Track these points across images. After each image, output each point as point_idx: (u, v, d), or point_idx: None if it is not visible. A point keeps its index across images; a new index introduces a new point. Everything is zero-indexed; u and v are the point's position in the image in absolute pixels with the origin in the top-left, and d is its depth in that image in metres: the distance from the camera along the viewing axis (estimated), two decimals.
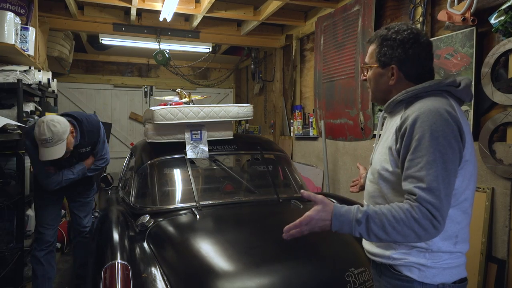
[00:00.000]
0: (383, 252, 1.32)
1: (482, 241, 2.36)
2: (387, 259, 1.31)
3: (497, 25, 2.21)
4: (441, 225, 1.14)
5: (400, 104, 1.33)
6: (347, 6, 3.74)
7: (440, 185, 1.14)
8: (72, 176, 2.78)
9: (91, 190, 3.16)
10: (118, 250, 1.98)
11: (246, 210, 2.58)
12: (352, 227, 1.21)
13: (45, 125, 2.45)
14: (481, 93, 2.42)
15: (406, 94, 1.29)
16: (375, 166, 1.35)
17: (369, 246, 1.41)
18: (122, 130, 6.66)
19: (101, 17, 4.51)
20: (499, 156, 2.32)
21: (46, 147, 2.46)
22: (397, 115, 1.33)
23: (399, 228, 1.15)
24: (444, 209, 1.14)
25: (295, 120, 4.84)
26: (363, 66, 1.45)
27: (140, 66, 6.79)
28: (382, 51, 1.33)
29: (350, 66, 3.70)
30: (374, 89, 1.42)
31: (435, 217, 1.12)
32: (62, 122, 2.53)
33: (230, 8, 4.38)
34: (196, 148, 2.79)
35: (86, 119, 2.81)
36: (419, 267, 1.26)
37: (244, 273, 1.86)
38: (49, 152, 2.48)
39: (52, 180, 2.70)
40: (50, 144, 2.46)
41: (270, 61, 5.89)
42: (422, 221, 1.13)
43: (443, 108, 1.20)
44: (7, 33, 2.69)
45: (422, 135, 1.17)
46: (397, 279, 1.29)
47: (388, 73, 1.34)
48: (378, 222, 1.17)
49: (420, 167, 1.16)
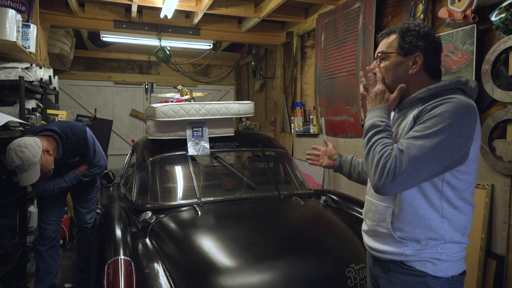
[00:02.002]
0: (393, 249, 1.33)
1: (481, 237, 2.37)
2: (398, 256, 1.32)
3: (498, 22, 2.22)
4: (390, 182, 1.18)
5: (419, 101, 1.33)
6: (348, 3, 3.73)
7: (419, 158, 1.17)
8: (65, 184, 2.80)
9: (95, 187, 3.18)
10: (121, 246, 2.00)
11: (247, 206, 2.60)
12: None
13: (13, 152, 2.34)
14: (481, 91, 2.42)
15: (428, 92, 1.31)
16: None
17: (374, 243, 1.41)
18: (123, 127, 6.66)
19: (102, 14, 4.51)
20: (499, 153, 2.33)
21: (20, 173, 2.39)
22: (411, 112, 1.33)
23: (373, 154, 1.25)
24: (403, 175, 1.18)
25: (296, 117, 4.85)
26: (380, 54, 1.41)
27: (140, 63, 6.79)
28: (407, 39, 1.35)
29: (351, 63, 3.70)
30: (392, 78, 1.38)
31: (394, 170, 1.18)
32: (31, 145, 2.39)
33: (231, 5, 4.38)
34: (198, 145, 2.80)
35: (71, 131, 2.71)
36: (433, 261, 1.29)
37: (245, 268, 1.88)
38: (25, 177, 2.40)
39: (44, 189, 2.73)
40: (22, 171, 2.37)
41: (271, 58, 5.88)
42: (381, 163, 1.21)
43: (471, 102, 1.25)
44: (9, 30, 2.69)
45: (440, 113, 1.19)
46: (408, 275, 1.31)
47: (409, 62, 1.35)
48: (378, 139, 1.27)
49: (415, 135, 1.21)
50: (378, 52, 1.43)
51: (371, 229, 1.43)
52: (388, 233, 1.34)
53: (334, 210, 2.63)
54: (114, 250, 1.97)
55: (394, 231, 1.32)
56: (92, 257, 2.26)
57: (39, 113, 3.34)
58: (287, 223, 2.45)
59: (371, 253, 1.45)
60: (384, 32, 1.44)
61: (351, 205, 2.66)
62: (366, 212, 1.49)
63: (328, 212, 2.58)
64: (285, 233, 2.23)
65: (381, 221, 1.37)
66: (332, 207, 2.68)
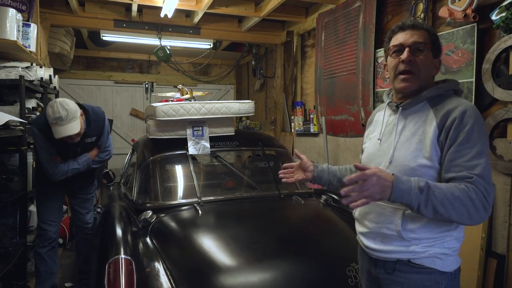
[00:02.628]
0: (401, 248, 1.31)
1: (482, 236, 2.37)
2: (407, 254, 1.31)
3: (498, 21, 2.22)
4: (490, 209, 1.19)
5: (424, 101, 1.34)
6: (348, 2, 3.73)
7: (488, 174, 1.20)
8: (78, 167, 2.80)
9: (92, 186, 3.18)
10: (122, 245, 2.00)
11: (248, 205, 2.60)
12: (412, 195, 1.15)
13: (58, 104, 2.51)
14: (481, 90, 2.42)
15: (435, 91, 1.32)
16: (406, 163, 1.30)
17: (376, 245, 1.38)
18: (123, 126, 6.67)
19: (102, 13, 4.51)
20: (499, 152, 2.33)
21: (61, 125, 2.50)
22: (420, 112, 1.34)
23: (456, 205, 1.16)
24: (492, 196, 1.21)
25: (296, 116, 4.85)
26: (419, 44, 1.31)
27: (141, 62, 6.79)
28: (436, 42, 1.35)
29: (351, 62, 3.70)
30: (426, 74, 1.33)
31: (487, 200, 1.17)
32: (72, 103, 2.61)
33: (231, 4, 4.38)
34: (198, 144, 2.80)
35: (92, 109, 2.88)
36: (441, 257, 1.29)
37: (245, 268, 1.88)
38: (64, 129, 2.51)
39: (58, 169, 2.72)
40: (65, 122, 2.50)
41: (271, 57, 5.88)
42: (477, 202, 1.16)
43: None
44: (9, 30, 2.69)
45: (471, 128, 1.22)
46: (416, 273, 1.31)
47: (436, 64, 1.37)
48: (438, 194, 1.16)
49: (470, 157, 1.21)
50: (416, 42, 1.30)
51: (372, 231, 1.39)
52: (395, 234, 1.31)
53: (334, 209, 2.63)
54: (114, 249, 1.97)
55: (405, 232, 1.30)
56: (92, 256, 2.26)
57: (39, 112, 3.34)
58: (288, 222, 2.45)
59: (373, 255, 1.40)
60: (411, 22, 1.34)
61: None
62: (365, 215, 1.44)
63: (329, 211, 2.58)
64: (285, 232, 2.23)
65: (387, 223, 1.34)
66: (332, 206, 2.68)
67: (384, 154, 1.38)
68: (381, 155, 1.39)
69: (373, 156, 1.44)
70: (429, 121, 1.30)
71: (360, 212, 1.48)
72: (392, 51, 1.36)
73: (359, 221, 1.49)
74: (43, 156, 2.72)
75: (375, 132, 1.51)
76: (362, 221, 1.46)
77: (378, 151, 1.42)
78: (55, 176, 2.73)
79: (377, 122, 1.53)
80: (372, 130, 1.56)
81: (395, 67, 1.35)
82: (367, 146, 1.53)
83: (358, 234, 1.51)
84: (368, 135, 1.58)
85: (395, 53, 1.35)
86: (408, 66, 1.31)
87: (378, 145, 1.44)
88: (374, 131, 1.52)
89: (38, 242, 2.91)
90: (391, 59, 1.37)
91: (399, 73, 1.34)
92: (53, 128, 2.53)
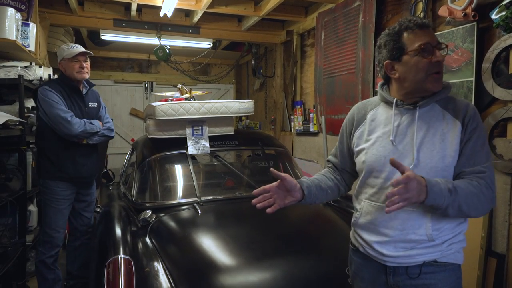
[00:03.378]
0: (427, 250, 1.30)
1: (482, 236, 2.37)
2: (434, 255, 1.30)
3: (498, 20, 2.21)
4: (495, 200, 1.29)
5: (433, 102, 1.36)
6: (348, 2, 3.73)
7: (492, 167, 1.30)
8: (92, 126, 2.78)
9: (94, 189, 3.13)
10: (121, 245, 2.00)
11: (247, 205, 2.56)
12: (444, 196, 1.18)
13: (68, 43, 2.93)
14: (481, 89, 2.42)
15: (446, 91, 1.37)
16: (434, 164, 1.28)
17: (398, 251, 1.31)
18: (123, 126, 6.66)
19: (102, 13, 4.50)
20: (499, 151, 2.33)
21: (76, 47, 2.79)
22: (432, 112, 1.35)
23: (474, 201, 1.23)
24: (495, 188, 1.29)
25: (296, 115, 4.85)
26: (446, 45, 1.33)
27: (140, 62, 6.78)
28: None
29: (351, 61, 3.69)
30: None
31: (493, 192, 1.27)
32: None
33: (231, 4, 4.37)
34: (198, 143, 2.80)
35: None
36: (460, 251, 1.35)
37: (245, 267, 1.88)
38: (80, 49, 2.78)
39: (75, 119, 2.69)
40: (79, 47, 2.80)
41: (271, 56, 5.88)
42: (488, 196, 1.25)
43: None
44: (8, 29, 2.69)
45: (480, 124, 1.31)
46: (442, 271, 1.31)
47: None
48: (462, 194, 1.21)
49: (483, 153, 1.29)
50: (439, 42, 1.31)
51: (395, 239, 1.31)
52: (425, 238, 1.29)
53: (334, 209, 2.63)
54: (114, 248, 1.97)
55: (435, 234, 1.29)
56: (92, 256, 2.25)
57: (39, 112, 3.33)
58: (287, 222, 2.44)
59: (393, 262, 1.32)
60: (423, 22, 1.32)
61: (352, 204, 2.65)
62: (383, 222, 1.33)
63: (328, 211, 2.58)
64: (285, 232, 2.23)
65: (415, 228, 1.29)
66: (332, 206, 2.68)
67: (403, 156, 1.31)
68: (398, 157, 1.30)
69: (386, 158, 1.31)
70: (447, 121, 1.31)
71: (373, 221, 1.37)
72: (420, 50, 1.28)
73: (372, 230, 1.38)
74: (59, 109, 2.67)
75: (377, 132, 1.40)
76: (378, 230, 1.35)
77: (392, 153, 1.33)
78: (74, 126, 2.66)
79: (376, 122, 1.43)
80: (369, 130, 1.44)
81: (426, 68, 1.28)
82: (369, 147, 1.40)
83: (368, 242, 1.38)
84: (361, 136, 1.46)
85: (424, 52, 1.28)
86: (439, 66, 1.30)
87: (391, 146, 1.34)
88: (375, 131, 1.41)
89: (43, 250, 2.77)
90: (419, 59, 1.29)
91: (432, 73, 1.29)
92: (69, 51, 2.75)
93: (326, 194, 1.54)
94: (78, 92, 2.87)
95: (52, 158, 2.76)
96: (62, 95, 2.75)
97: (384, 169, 1.30)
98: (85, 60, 2.81)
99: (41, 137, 2.82)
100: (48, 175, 2.78)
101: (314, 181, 1.52)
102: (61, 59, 2.79)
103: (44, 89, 2.71)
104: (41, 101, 2.71)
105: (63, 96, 2.75)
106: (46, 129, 2.75)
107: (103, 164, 5.20)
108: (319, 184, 1.52)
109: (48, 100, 2.68)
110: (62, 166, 2.77)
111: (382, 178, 1.34)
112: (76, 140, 2.76)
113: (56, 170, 2.76)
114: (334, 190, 1.57)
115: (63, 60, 2.79)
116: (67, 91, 2.80)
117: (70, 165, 2.78)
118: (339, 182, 1.60)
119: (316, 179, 1.54)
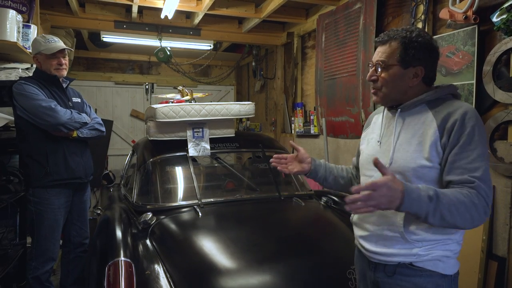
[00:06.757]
0: (403, 251, 1.31)
1: (482, 239, 2.37)
2: (409, 257, 1.30)
3: (499, 23, 2.21)
4: (489, 212, 1.24)
5: (423, 104, 1.35)
6: (349, 4, 3.73)
7: (488, 177, 1.22)
8: (79, 116, 2.57)
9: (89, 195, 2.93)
10: (121, 248, 1.99)
11: (248, 207, 2.59)
12: (422, 204, 1.14)
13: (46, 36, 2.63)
14: (482, 92, 2.42)
15: (434, 95, 1.34)
16: (406, 164, 1.30)
17: (378, 248, 1.37)
18: (123, 127, 6.66)
19: (103, 15, 4.51)
20: (500, 154, 2.33)
21: (55, 41, 2.59)
22: (418, 114, 1.35)
23: (461, 210, 1.16)
24: (491, 198, 1.22)
25: (296, 117, 4.85)
26: (379, 62, 1.37)
27: (141, 64, 6.79)
28: (408, 52, 1.32)
29: (351, 63, 3.69)
30: (391, 89, 1.37)
31: (487, 204, 1.19)
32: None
33: (232, 6, 4.38)
34: (198, 146, 2.80)
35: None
36: (443, 260, 1.30)
37: (246, 270, 1.88)
38: (58, 44, 2.59)
39: (59, 107, 2.46)
40: (57, 41, 2.60)
41: (271, 58, 5.88)
42: (479, 207, 1.17)
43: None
44: (9, 31, 2.69)
45: (472, 130, 1.23)
46: (418, 276, 1.30)
47: (409, 74, 1.34)
48: (446, 202, 1.16)
49: (471, 159, 1.21)
50: (378, 61, 1.37)
51: (374, 234, 1.38)
52: (398, 236, 1.30)
53: (335, 211, 2.62)
54: (114, 251, 1.97)
55: (408, 234, 1.29)
56: (92, 259, 2.25)
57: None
58: (288, 224, 2.45)
59: (373, 258, 1.39)
60: (383, 37, 1.38)
61: None
62: (365, 218, 1.43)
63: (329, 213, 2.58)
64: (285, 234, 2.22)
65: (389, 224, 1.33)
66: (333, 208, 2.68)
67: (384, 156, 1.38)
68: (380, 156, 1.37)
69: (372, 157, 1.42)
70: (428, 123, 1.31)
71: (360, 216, 1.48)
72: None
73: (358, 225, 1.48)
74: (39, 99, 2.42)
75: (373, 134, 1.51)
76: (362, 225, 1.45)
77: (377, 152, 1.42)
78: (60, 113, 2.42)
79: (375, 124, 1.54)
80: (369, 132, 1.56)
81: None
82: (365, 148, 1.54)
83: (357, 238, 1.50)
84: (365, 137, 1.59)
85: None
86: (372, 83, 1.43)
87: (377, 146, 1.44)
88: (372, 133, 1.52)
89: (37, 265, 2.51)
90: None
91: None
92: (46, 47, 2.54)
93: (336, 181, 1.67)
94: (58, 84, 2.63)
95: (40, 160, 2.48)
96: (40, 87, 2.50)
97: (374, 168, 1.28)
98: (63, 56, 2.60)
99: (23, 139, 2.53)
100: (39, 182, 2.50)
101: (328, 165, 1.69)
102: (37, 53, 2.55)
103: (19, 83, 2.48)
104: (17, 97, 2.43)
105: (41, 88, 2.51)
106: (28, 129, 2.48)
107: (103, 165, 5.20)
108: (331, 169, 1.68)
109: (25, 93, 2.42)
110: (53, 168, 2.50)
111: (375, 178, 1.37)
112: (66, 133, 2.49)
113: (47, 175, 2.49)
114: (347, 182, 1.69)
115: (39, 55, 2.55)
116: (45, 85, 2.56)
117: (61, 166, 2.53)
118: (353, 177, 1.70)
119: (332, 165, 1.70)
